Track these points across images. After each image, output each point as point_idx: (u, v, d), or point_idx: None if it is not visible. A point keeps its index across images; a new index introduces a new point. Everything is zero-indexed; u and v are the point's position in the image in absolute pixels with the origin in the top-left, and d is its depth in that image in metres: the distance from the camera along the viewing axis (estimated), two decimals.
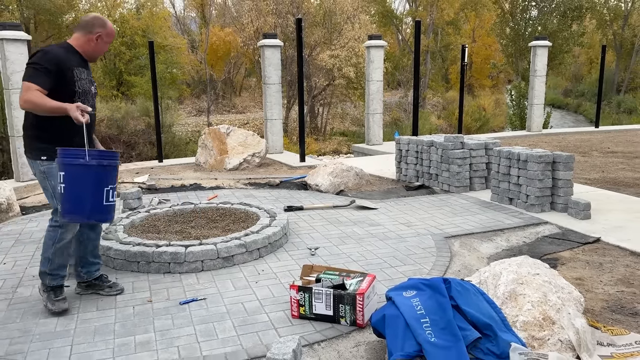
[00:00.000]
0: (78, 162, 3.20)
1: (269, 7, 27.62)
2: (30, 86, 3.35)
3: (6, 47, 7.99)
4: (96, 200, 3.25)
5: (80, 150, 3.24)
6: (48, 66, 3.38)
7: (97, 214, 3.31)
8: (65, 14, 27.83)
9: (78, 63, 3.57)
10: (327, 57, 26.50)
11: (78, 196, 3.24)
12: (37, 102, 3.32)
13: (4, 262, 4.67)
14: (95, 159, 3.23)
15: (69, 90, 3.48)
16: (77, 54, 3.59)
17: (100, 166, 3.24)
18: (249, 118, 30.57)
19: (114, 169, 3.34)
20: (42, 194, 7.42)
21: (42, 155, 3.50)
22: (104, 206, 3.29)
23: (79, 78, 3.54)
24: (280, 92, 10.94)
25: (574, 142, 12.19)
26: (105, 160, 3.27)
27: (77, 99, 3.51)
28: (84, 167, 3.20)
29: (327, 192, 7.18)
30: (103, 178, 3.27)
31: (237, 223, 5.25)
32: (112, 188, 3.33)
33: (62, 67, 3.43)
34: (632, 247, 4.70)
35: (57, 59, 3.42)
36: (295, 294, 3.40)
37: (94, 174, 3.23)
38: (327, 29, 28.25)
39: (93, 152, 3.24)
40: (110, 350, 3.11)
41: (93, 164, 3.21)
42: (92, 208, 3.26)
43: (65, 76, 3.45)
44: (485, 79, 42.08)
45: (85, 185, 3.22)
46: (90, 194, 3.24)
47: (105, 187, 3.27)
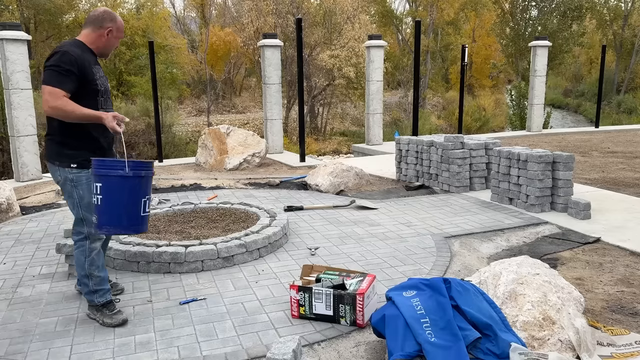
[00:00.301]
0: (117, 173, 3.10)
1: (269, 7, 27.62)
2: (54, 91, 3.21)
3: (6, 47, 7.99)
4: (134, 211, 3.17)
5: (117, 161, 3.14)
6: (70, 68, 3.24)
7: (134, 225, 3.22)
8: (65, 14, 27.85)
9: (93, 61, 3.45)
10: (327, 57, 26.50)
11: (116, 208, 3.15)
12: (68, 109, 3.20)
13: (4, 262, 4.67)
14: (134, 169, 3.12)
15: (91, 90, 3.37)
16: (90, 51, 3.47)
17: (138, 177, 3.15)
18: (249, 118, 30.57)
19: (150, 179, 3.27)
20: (42, 194, 7.42)
21: (72, 163, 3.35)
22: (141, 217, 3.20)
23: (99, 76, 3.44)
24: (280, 92, 10.94)
25: (574, 142, 12.19)
26: (142, 170, 3.16)
27: (100, 98, 3.41)
28: (122, 179, 3.11)
29: (327, 192, 7.18)
30: (141, 189, 3.17)
31: (237, 223, 5.25)
32: (148, 199, 3.25)
33: (83, 67, 3.31)
34: (632, 247, 4.70)
35: (78, 59, 3.29)
36: (295, 294, 3.40)
37: (132, 185, 3.14)
38: (327, 29, 28.25)
39: (131, 163, 3.14)
40: (110, 350, 3.11)
41: (131, 175, 3.11)
42: (129, 219, 3.18)
43: (87, 75, 3.34)
44: (486, 79, 42.08)
45: (123, 197, 3.14)
46: (129, 205, 3.16)
47: (143, 198, 3.18)
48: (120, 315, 3.45)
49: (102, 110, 3.40)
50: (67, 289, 4.02)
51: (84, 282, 3.47)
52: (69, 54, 3.27)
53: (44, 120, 12.39)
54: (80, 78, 3.28)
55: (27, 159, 8.38)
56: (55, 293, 3.95)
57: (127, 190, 3.13)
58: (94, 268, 3.44)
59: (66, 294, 3.93)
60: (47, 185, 8.01)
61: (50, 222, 5.95)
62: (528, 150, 6.05)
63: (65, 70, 3.23)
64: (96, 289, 3.46)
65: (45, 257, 4.76)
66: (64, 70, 3.23)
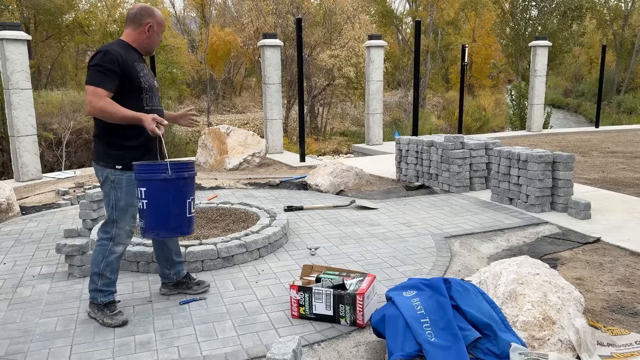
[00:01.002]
0: (160, 177, 3.08)
1: (269, 7, 27.62)
2: (97, 91, 3.20)
3: (6, 47, 7.99)
4: (180, 213, 3.15)
5: (159, 164, 3.12)
6: (111, 67, 3.23)
7: (181, 227, 3.20)
8: (65, 13, 27.83)
9: (138, 58, 3.43)
10: (327, 57, 26.49)
11: (162, 211, 3.13)
12: (110, 110, 3.19)
13: (4, 262, 4.67)
14: (176, 171, 3.11)
15: (135, 87, 3.34)
16: (134, 50, 3.43)
17: (182, 179, 3.13)
18: (249, 118, 30.57)
19: (192, 179, 3.24)
20: (42, 194, 7.42)
21: (117, 164, 3.33)
22: (187, 218, 3.19)
23: (143, 73, 3.40)
24: (280, 92, 10.94)
25: (574, 142, 12.19)
26: (185, 172, 3.15)
27: (144, 95, 3.38)
28: (166, 182, 3.09)
29: (327, 192, 7.18)
30: (185, 190, 3.16)
31: (237, 223, 5.25)
32: (192, 199, 3.23)
33: (125, 65, 3.29)
34: (632, 247, 4.70)
35: (119, 57, 3.27)
36: (295, 294, 3.40)
37: (176, 187, 3.13)
38: (327, 29, 28.24)
39: (173, 165, 3.12)
40: (110, 350, 3.10)
41: (174, 177, 3.10)
42: (176, 222, 3.16)
43: (130, 74, 3.31)
44: (486, 79, 42.09)
45: (169, 199, 3.12)
46: (175, 208, 3.14)
47: (187, 199, 3.17)
48: (120, 316, 3.44)
49: (148, 108, 3.38)
50: (67, 289, 4.02)
51: (92, 279, 3.47)
52: (110, 52, 3.26)
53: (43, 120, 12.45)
54: (122, 76, 3.27)
55: (27, 159, 8.38)
56: (55, 293, 3.95)
57: (172, 193, 3.12)
58: (108, 270, 3.43)
59: (66, 294, 3.93)
60: (47, 185, 8.01)
61: (50, 222, 5.95)
62: (528, 150, 6.05)
63: (107, 70, 3.22)
64: (102, 289, 3.46)
65: (45, 257, 4.76)
66: (106, 70, 3.22)
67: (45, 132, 16.54)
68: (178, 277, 3.85)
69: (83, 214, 5.24)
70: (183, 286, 3.85)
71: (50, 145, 17.23)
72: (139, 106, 3.34)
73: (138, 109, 3.32)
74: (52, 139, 17.07)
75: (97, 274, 3.44)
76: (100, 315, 3.44)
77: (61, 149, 17.08)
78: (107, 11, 28.17)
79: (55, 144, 17.29)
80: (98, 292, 3.46)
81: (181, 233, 3.25)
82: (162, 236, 3.31)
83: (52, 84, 26.38)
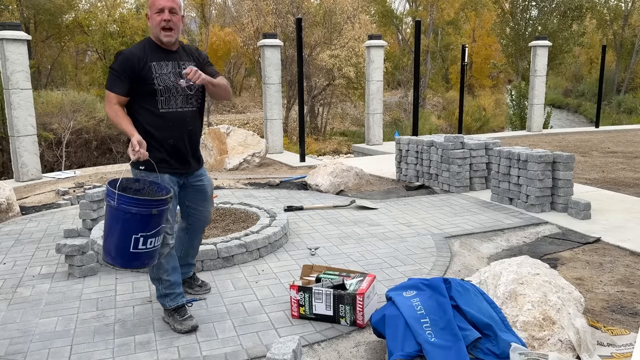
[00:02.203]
0: (110, 203, 2.97)
1: (269, 7, 27.62)
2: (108, 96, 3.21)
3: (6, 47, 7.99)
4: (123, 245, 2.99)
5: (113, 192, 2.96)
6: (121, 69, 3.19)
7: (120, 259, 3.06)
8: (65, 13, 27.85)
9: (159, 57, 3.28)
10: (327, 57, 26.49)
11: (108, 236, 3.05)
12: (113, 120, 3.21)
13: (4, 262, 4.67)
14: (124, 204, 2.93)
15: (148, 90, 3.23)
16: (157, 47, 3.30)
17: (129, 213, 2.95)
18: (249, 118, 30.57)
19: (145, 217, 2.98)
20: (42, 194, 7.42)
21: (140, 165, 3.24)
22: (129, 253, 3.00)
23: (159, 73, 3.25)
24: (280, 92, 10.94)
25: (574, 142, 12.19)
26: (134, 207, 2.94)
27: (159, 97, 3.25)
28: (114, 209, 2.97)
29: (327, 192, 7.18)
30: (130, 224, 2.96)
31: (237, 223, 5.25)
32: (143, 236, 3.00)
33: (136, 67, 3.19)
34: (632, 247, 4.70)
35: (130, 59, 3.19)
36: (295, 294, 3.40)
37: (123, 218, 2.97)
38: (327, 29, 28.24)
39: (124, 198, 2.94)
40: (110, 350, 3.10)
41: (121, 209, 2.94)
42: (116, 252, 3.03)
43: (143, 75, 3.20)
44: (486, 79, 42.09)
45: (114, 227, 3.00)
46: (117, 238, 3.00)
47: (134, 235, 2.97)
48: (190, 321, 3.35)
49: (164, 111, 3.26)
50: (67, 289, 4.02)
51: (155, 286, 3.42)
52: (123, 54, 3.23)
53: (43, 120, 12.47)
54: (134, 78, 3.20)
55: (27, 159, 8.38)
56: (55, 293, 3.95)
57: (118, 222, 2.97)
58: (162, 272, 3.37)
59: (66, 294, 3.93)
60: (47, 185, 8.01)
61: (50, 222, 5.95)
62: (528, 150, 6.05)
63: (117, 72, 3.20)
64: (166, 292, 3.38)
65: (45, 257, 4.76)
66: (116, 72, 3.20)
67: (45, 132, 16.54)
68: (183, 277, 3.82)
69: (83, 214, 5.24)
70: (185, 285, 3.83)
71: (50, 145, 17.24)
72: (154, 109, 3.25)
73: (153, 111, 3.24)
74: (52, 139, 17.08)
75: (155, 280, 3.39)
76: (172, 321, 3.37)
77: (61, 149, 17.09)
78: (107, 11, 28.19)
79: (55, 144, 17.30)
80: (164, 297, 3.39)
81: (120, 265, 3.11)
82: (107, 261, 3.14)
83: (52, 84, 26.40)
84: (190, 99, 3.36)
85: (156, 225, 3.02)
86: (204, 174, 3.61)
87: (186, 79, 3.26)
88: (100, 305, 3.72)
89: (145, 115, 3.26)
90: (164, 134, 3.28)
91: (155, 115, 3.25)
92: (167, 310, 3.40)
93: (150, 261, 3.13)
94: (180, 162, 3.38)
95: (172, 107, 3.30)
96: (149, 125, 3.25)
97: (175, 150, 3.34)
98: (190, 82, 3.26)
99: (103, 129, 20.06)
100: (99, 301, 3.79)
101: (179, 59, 3.35)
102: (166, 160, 3.31)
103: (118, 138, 20.56)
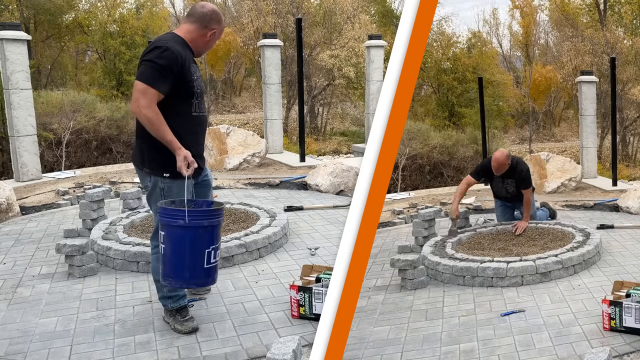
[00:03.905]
0: (177, 223, 2.87)
1: (269, 7, 27.60)
2: (148, 91, 2.95)
3: (6, 47, 7.98)
4: (196, 263, 2.93)
5: (179, 210, 2.91)
6: (170, 66, 2.98)
7: (195, 279, 3.01)
8: (65, 13, 27.83)
9: (192, 60, 3.19)
10: (327, 57, 26.47)
11: (177, 259, 2.95)
12: (155, 124, 2.96)
13: (4, 262, 4.67)
14: (194, 219, 2.87)
15: (187, 92, 3.12)
16: (189, 49, 3.18)
17: (201, 227, 2.90)
18: (249, 118, 30.53)
19: (216, 227, 2.98)
20: (42, 194, 7.42)
21: (164, 172, 3.10)
22: (204, 269, 2.95)
23: (196, 77, 3.17)
24: (280, 92, 10.93)
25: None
26: (205, 220, 2.92)
27: (194, 101, 3.16)
28: (182, 229, 2.88)
29: (327, 192, 7.17)
30: (203, 239, 2.92)
31: (237, 223, 5.24)
32: (214, 249, 2.97)
33: (182, 66, 3.05)
34: None
35: (179, 57, 3.03)
36: (295, 294, 3.40)
37: (193, 236, 2.90)
38: (327, 29, 28.22)
39: (193, 213, 2.89)
40: (110, 350, 3.10)
41: (192, 225, 2.87)
42: (190, 273, 2.95)
43: (185, 77, 3.08)
44: None
45: (185, 248, 2.91)
46: (190, 258, 2.92)
47: (207, 249, 2.91)
48: (191, 322, 3.33)
49: (196, 114, 3.20)
50: (67, 289, 4.02)
51: (158, 287, 3.38)
52: (171, 50, 3.02)
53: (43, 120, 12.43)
54: (177, 78, 3.05)
55: (26, 159, 8.36)
56: (55, 293, 3.95)
57: (188, 241, 2.90)
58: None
59: (66, 294, 3.92)
60: (46, 185, 8.00)
61: (50, 222, 5.94)
62: None
63: (164, 69, 2.99)
64: (170, 295, 3.35)
65: (45, 257, 4.75)
66: (162, 68, 2.99)
67: (45, 132, 16.51)
68: None
69: (83, 214, 5.24)
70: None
71: (50, 145, 17.21)
72: (188, 112, 3.15)
73: (186, 114, 3.14)
74: (52, 139, 17.06)
75: (159, 281, 3.34)
76: (172, 321, 3.36)
77: (61, 149, 17.08)
78: (107, 11, 28.17)
79: (55, 144, 17.28)
80: (167, 298, 3.36)
81: (196, 285, 3.07)
82: (177, 286, 3.10)
83: (52, 84, 26.37)
84: (205, 105, 3.34)
85: (220, 235, 3.02)
86: (207, 168, 3.64)
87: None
88: (100, 305, 3.72)
89: (177, 119, 3.10)
90: (194, 138, 3.20)
91: (187, 119, 3.14)
92: (169, 311, 3.39)
93: (217, 275, 3.07)
94: (199, 167, 3.31)
95: (202, 110, 3.25)
96: (180, 128, 3.10)
97: (199, 154, 3.28)
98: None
99: (103, 129, 20.01)
100: (99, 301, 3.79)
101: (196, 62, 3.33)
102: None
103: (118, 138, 20.52)
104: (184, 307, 3.39)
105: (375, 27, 33.01)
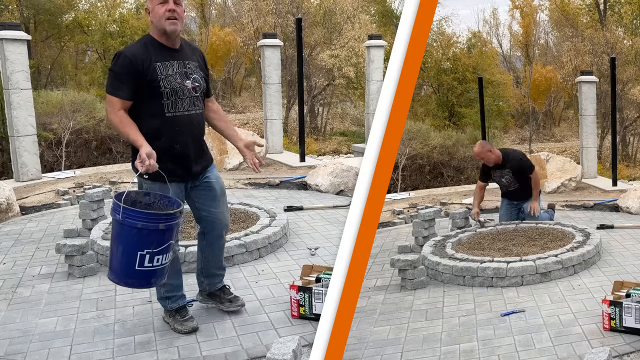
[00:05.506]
0: (115, 217, 2.85)
1: (269, 7, 27.60)
2: (112, 101, 3.01)
3: (6, 47, 7.98)
4: (126, 262, 2.87)
5: (118, 205, 2.83)
6: (124, 71, 2.98)
7: (128, 278, 2.94)
8: (65, 13, 27.83)
9: (163, 57, 3.08)
10: (327, 57, 26.48)
11: (112, 253, 2.95)
12: (119, 130, 3.02)
13: (3, 262, 4.66)
14: (130, 218, 2.81)
15: (153, 93, 3.05)
16: (159, 45, 3.10)
17: (135, 228, 2.82)
18: (249, 118, 30.53)
19: (153, 232, 2.86)
20: (42, 194, 7.42)
21: (144, 173, 3.05)
22: (135, 271, 2.87)
23: (165, 75, 3.07)
24: (280, 92, 10.93)
25: None
26: (141, 222, 2.81)
27: (166, 101, 3.07)
28: (118, 224, 2.85)
29: (327, 192, 7.17)
30: (136, 240, 2.84)
31: (237, 223, 5.24)
32: (150, 253, 2.86)
33: (139, 68, 3.00)
34: None
35: (131, 60, 2.99)
36: (295, 294, 3.40)
37: (127, 234, 2.84)
38: (327, 29, 28.23)
39: (129, 212, 2.81)
40: (110, 350, 3.10)
41: (125, 223, 2.82)
42: (123, 271, 2.91)
43: (145, 77, 3.01)
44: None
45: (117, 243, 2.90)
46: (121, 254, 2.88)
47: (139, 251, 2.83)
48: (190, 322, 3.31)
49: (170, 115, 3.10)
50: (67, 289, 4.02)
51: (156, 288, 3.34)
52: (124, 55, 3.04)
53: (43, 120, 12.45)
54: (135, 82, 3.01)
55: (26, 159, 8.36)
56: (55, 293, 3.95)
57: (122, 237, 2.87)
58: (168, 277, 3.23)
59: (66, 294, 3.92)
60: (46, 185, 8.00)
61: (50, 222, 5.94)
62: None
63: (120, 74, 3.00)
64: (168, 295, 3.33)
65: (45, 257, 4.75)
66: (119, 75, 3.00)
67: (45, 132, 16.51)
68: (210, 288, 3.59)
69: (83, 214, 5.24)
70: (216, 299, 3.59)
71: (50, 145, 17.21)
72: (159, 112, 3.08)
73: (158, 115, 3.08)
74: (52, 139, 17.06)
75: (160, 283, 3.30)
76: (172, 322, 3.34)
77: (61, 149, 17.08)
78: (107, 11, 28.17)
79: (55, 144, 17.28)
80: (165, 299, 3.34)
81: (129, 285, 3.01)
82: (111, 279, 3.02)
83: (52, 84, 26.37)
84: (196, 101, 3.22)
85: (164, 242, 2.88)
86: (211, 170, 3.47)
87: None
88: (100, 305, 3.72)
89: (149, 121, 3.09)
90: (170, 139, 3.12)
91: (161, 120, 3.09)
92: (168, 310, 3.38)
93: (158, 280, 3.00)
94: (186, 170, 3.24)
95: (179, 110, 3.14)
96: (154, 130, 3.08)
97: (181, 156, 3.19)
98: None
99: (103, 129, 20.00)
100: (99, 301, 3.79)
101: (184, 58, 3.20)
102: (171, 169, 3.13)
103: (118, 138, 20.49)
104: (183, 307, 3.38)
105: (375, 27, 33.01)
